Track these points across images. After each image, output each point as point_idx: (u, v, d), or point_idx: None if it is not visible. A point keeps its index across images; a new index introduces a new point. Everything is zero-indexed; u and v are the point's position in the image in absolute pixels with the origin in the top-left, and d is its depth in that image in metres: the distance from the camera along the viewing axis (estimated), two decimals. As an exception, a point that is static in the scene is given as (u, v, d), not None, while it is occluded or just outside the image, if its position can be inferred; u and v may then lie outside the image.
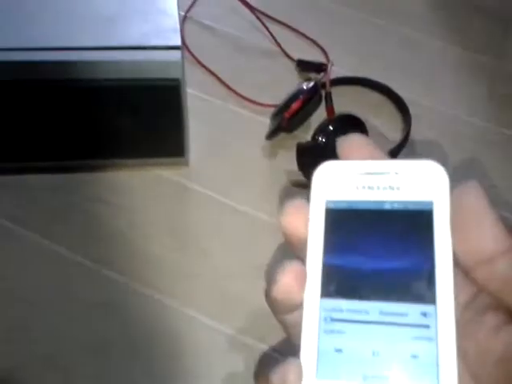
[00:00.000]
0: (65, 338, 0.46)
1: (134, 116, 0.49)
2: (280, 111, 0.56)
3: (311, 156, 0.51)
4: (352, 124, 0.52)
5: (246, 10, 0.69)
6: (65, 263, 0.50)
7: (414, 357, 0.18)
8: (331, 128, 0.51)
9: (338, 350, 0.19)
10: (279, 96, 0.59)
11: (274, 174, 0.58)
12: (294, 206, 0.22)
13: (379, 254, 0.21)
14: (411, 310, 0.19)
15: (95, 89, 0.45)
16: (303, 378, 0.19)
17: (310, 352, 0.19)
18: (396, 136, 0.60)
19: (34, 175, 0.55)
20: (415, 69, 0.70)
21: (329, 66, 0.59)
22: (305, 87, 0.56)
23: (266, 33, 0.71)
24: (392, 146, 0.57)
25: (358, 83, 0.66)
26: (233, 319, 0.47)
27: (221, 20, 0.74)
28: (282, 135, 0.58)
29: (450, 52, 0.72)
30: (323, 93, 0.57)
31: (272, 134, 0.57)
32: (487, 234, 0.20)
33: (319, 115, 0.57)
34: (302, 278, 0.21)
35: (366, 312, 0.20)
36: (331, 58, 0.70)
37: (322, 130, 0.51)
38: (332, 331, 0.19)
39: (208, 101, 0.64)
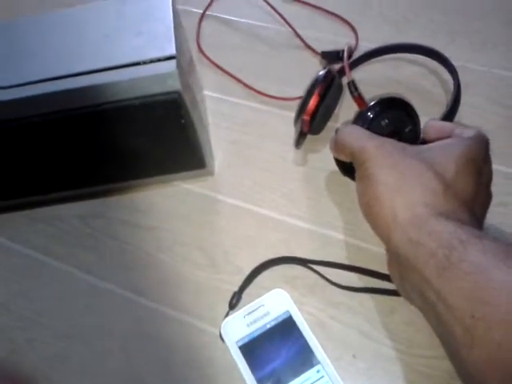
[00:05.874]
0: (101, 369, 0.44)
1: (144, 136, 0.45)
2: (299, 113, 0.50)
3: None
4: (387, 109, 0.46)
5: (262, 2, 0.65)
6: (97, 293, 0.48)
7: None
8: (369, 118, 0.45)
9: None
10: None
11: (306, 176, 0.54)
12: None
13: (280, 354, 0.40)
14: (311, 373, 0.39)
15: (98, 114, 0.42)
16: None
17: None
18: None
19: (62, 205, 0.54)
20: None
21: (345, 49, 0.50)
22: (318, 78, 0.49)
23: (289, 28, 0.66)
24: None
25: (388, 51, 0.57)
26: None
27: (238, 14, 0.71)
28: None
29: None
30: (345, 80, 0.50)
31: (299, 142, 0.51)
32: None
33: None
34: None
35: None
36: (360, 35, 0.65)
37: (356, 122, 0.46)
38: None
39: (229, 101, 0.60)
